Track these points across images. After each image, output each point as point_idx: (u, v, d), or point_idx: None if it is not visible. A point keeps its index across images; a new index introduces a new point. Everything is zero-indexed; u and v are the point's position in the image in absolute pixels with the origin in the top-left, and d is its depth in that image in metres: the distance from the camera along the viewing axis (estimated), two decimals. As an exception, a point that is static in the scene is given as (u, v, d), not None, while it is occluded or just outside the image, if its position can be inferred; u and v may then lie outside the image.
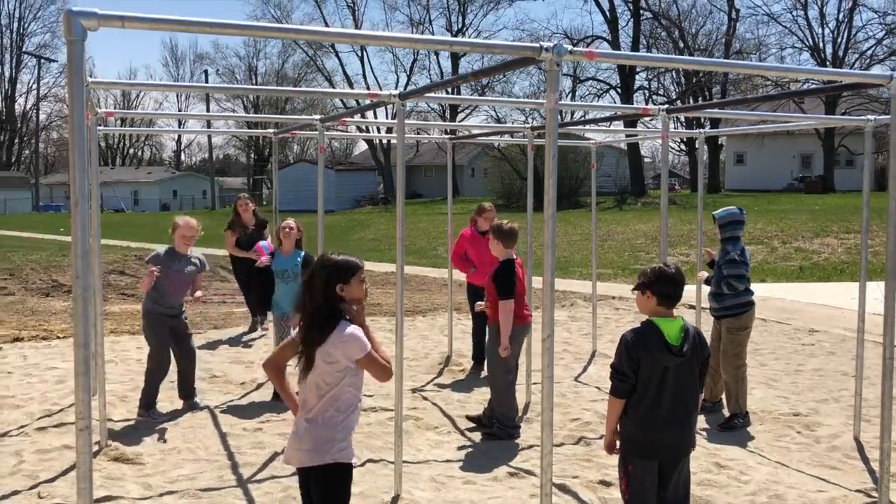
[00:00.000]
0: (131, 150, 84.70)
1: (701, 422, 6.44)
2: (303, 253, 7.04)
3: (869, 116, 6.31)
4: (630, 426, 3.69)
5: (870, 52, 44.77)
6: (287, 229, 6.94)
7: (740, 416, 6.39)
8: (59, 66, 64.37)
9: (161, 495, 4.93)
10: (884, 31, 44.67)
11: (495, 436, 6.05)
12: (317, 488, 3.39)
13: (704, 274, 6.86)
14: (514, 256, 6.11)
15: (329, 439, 3.35)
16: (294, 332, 3.48)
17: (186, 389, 6.84)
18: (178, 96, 71.20)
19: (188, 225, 6.60)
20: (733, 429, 6.30)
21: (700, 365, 3.74)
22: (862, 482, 5.21)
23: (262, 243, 8.15)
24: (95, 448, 5.65)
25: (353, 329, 3.37)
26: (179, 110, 70.69)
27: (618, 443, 3.77)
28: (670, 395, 3.62)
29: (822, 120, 8.76)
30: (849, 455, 5.75)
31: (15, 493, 4.95)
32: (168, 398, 6.83)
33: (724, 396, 6.59)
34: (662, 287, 3.68)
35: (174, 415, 6.63)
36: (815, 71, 5.43)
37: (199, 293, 6.76)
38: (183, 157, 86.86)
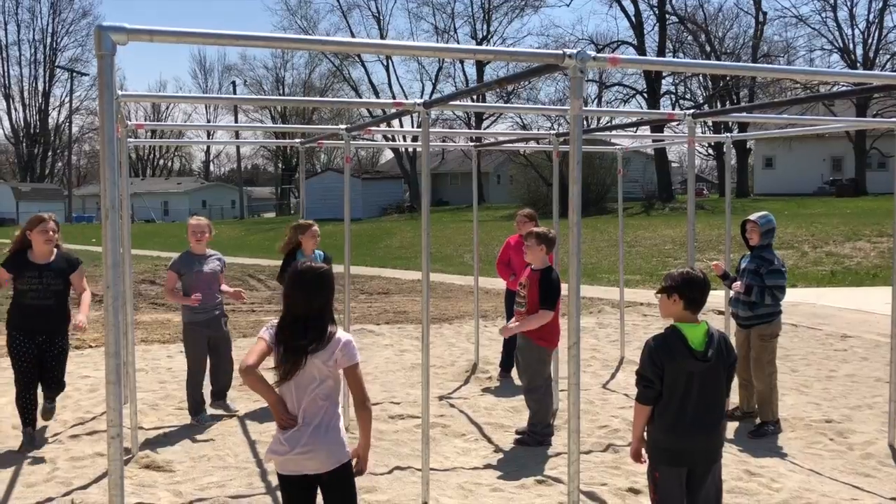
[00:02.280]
0: (161, 161, 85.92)
1: (731, 430, 6.37)
2: (322, 253, 7.27)
3: (900, 118, 6.22)
4: (657, 433, 3.66)
5: (901, 52, 44.13)
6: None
7: (771, 423, 6.31)
8: (90, 80, 65.43)
9: (191, 503, 4.98)
10: (915, 32, 44.01)
11: (525, 443, 6.05)
12: (335, 489, 3.45)
13: (721, 266, 6.75)
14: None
15: (339, 442, 3.42)
16: (266, 336, 3.42)
17: (219, 391, 6.90)
18: (206, 107, 72.04)
19: (196, 222, 6.81)
20: (764, 436, 6.22)
21: (727, 370, 3.70)
22: (897, 490, 5.12)
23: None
24: (127, 456, 5.73)
25: (351, 336, 3.47)
26: (208, 121, 71.51)
27: (643, 451, 3.75)
28: (697, 401, 3.59)
29: (852, 122, 8.64)
30: (883, 462, 5.65)
31: (49, 499, 5.03)
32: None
33: (756, 405, 6.50)
34: (691, 291, 3.65)
35: (204, 423, 6.69)
36: (843, 73, 5.36)
37: (227, 288, 6.89)
38: (212, 167, 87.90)
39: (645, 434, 3.74)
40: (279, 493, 5.09)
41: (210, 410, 6.81)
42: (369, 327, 11.44)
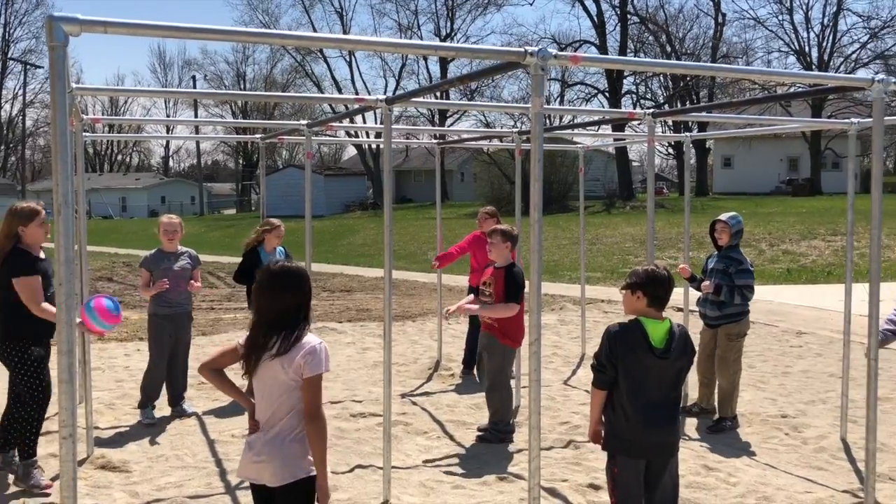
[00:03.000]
0: (119, 157, 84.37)
1: (690, 425, 6.47)
2: (283, 249, 7.37)
3: (853, 119, 6.36)
4: (615, 423, 3.71)
5: (854, 55, 45.19)
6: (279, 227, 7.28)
7: (729, 419, 6.41)
8: (44, 72, 63.90)
9: (148, 503, 4.90)
10: (868, 36, 45.11)
11: (486, 440, 6.06)
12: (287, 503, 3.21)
13: (688, 269, 6.78)
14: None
15: (300, 454, 3.18)
16: (240, 341, 3.29)
17: (175, 396, 6.84)
18: (166, 102, 70.96)
19: (168, 220, 6.79)
20: (722, 431, 6.32)
21: (686, 365, 3.76)
22: (849, 482, 5.24)
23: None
24: (82, 456, 5.61)
25: (321, 344, 3.20)
26: (167, 116, 70.54)
27: (588, 445, 3.81)
28: (654, 395, 3.63)
29: (808, 123, 8.83)
30: (835, 456, 5.77)
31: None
32: (157, 403, 6.79)
33: (717, 401, 6.59)
34: (654, 289, 3.69)
35: (161, 421, 6.60)
36: (799, 75, 5.46)
37: (197, 284, 6.82)
38: (171, 163, 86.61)
39: (605, 424, 3.78)
40: (238, 493, 5.04)
41: (157, 414, 6.71)
42: (331, 325, 11.37)
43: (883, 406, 6.69)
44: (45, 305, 5.00)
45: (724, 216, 6.52)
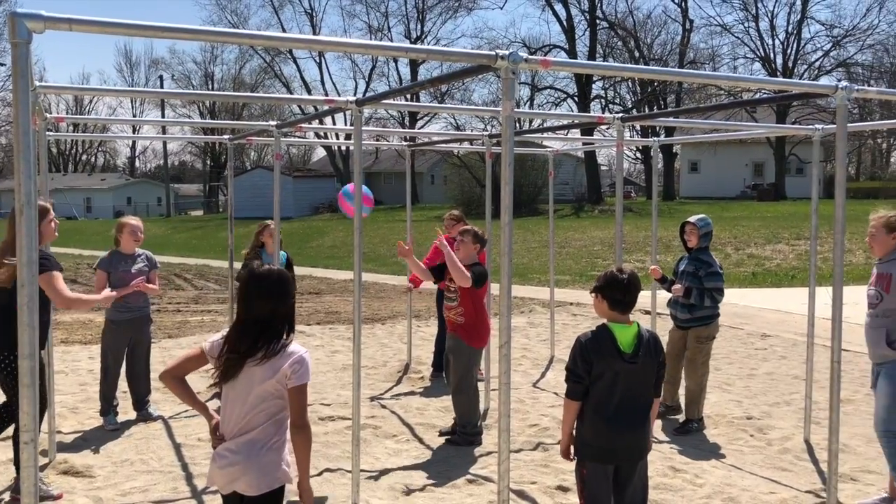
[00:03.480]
0: (84, 157, 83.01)
1: (657, 427, 6.52)
2: (286, 254, 7.48)
3: (817, 126, 6.47)
4: (585, 430, 3.71)
5: (818, 63, 46.08)
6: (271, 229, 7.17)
7: (695, 420, 6.48)
8: (7, 70, 62.77)
9: (112, 509, 4.83)
10: (830, 44, 46.03)
11: (455, 442, 6.06)
12: None
13: (659, 270, 6.84)
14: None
15: (276, 463, 3.13)
16: (206, 346, 3.23)
17: (139, 400, 6.73)
18: (132, 102, 69.99)
19: (137, 222, 6.65)
20: (688, 432, 6.39)
21: (656, 370, 3.77)
22: (812, 483, 5.32)
23: None
24: (45, 461, 5.51)
25: (306, 352, 3.17)
26: (134, 116, 69.59)
27: (572, 448, 3.79)
28: (624, 400, 3.64)
29: (772, 129, 8.96)
30: (799, 457, 5.86)
31: (-42, 509, 4.80)
32: (121, 409, 6.68)
33: (682, 402, 6.67)
34: (612, 292, 3.70)
35: (125, 425, 6.50)
36: (765, 81, 5.54)
37: (153, 286, 6.59)
38: (137, 163, 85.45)
39: (574, 431, 3.78)
40: (205, 498, 4.98)
41: (122, 418, 6.60)
42: (300, 328, 11.29)
43: (845, 408, 6.81)
44: (75, 295, 4.89)
45: (692, 218, 6.59)
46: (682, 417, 6.60)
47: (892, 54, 46.31)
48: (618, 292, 3.69)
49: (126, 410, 6.72)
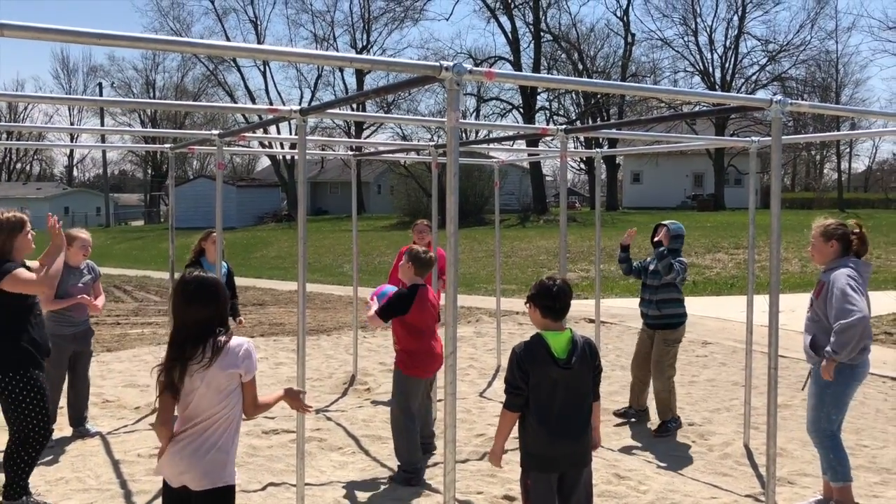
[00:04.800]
0: (19, 165, 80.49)
1: (626, 432, 6.59)
2: (226, 265, 7.28)
3: (753, 138, 6.65)
4: (526, 439, 3.72)
5: (754, 77, 47.45)
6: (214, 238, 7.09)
7: (672, 420, 6.62)
8: (-63, 76, 60.60)
9: (46, 529, 4.66)
10: (766, 58, 47.44)
11: (395, 480, 5.54)
12: None
13: (631, 238, 7.04)
14: (422, 284, 5.65)
15: (224, 462, 3.29)
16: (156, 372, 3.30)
17: (77, 416, 6.53)
18: (70, 109, 68.16)
19: (88, 237, 6.47)
20: (668, 433, 6.54)
21: (593, 376, 3.81)
22: (751, 487, 5.44)
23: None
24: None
25: (249, 342, 3.35)
26: (72, 124, 67.78)
27: (504, 457, 3.82)
28: (563, 407, 3.67)
29: (711, 141, 9.19)
30: (739, 462, 5.99)
31: None
32: (56, 425, 6.47)
33: (652, 405, 6.79)
34: (542, 300, 3.77)
35: (61, 443, 6.29)
36: (704, 94, 5.68)
37: (101, 299, 6.49)
38: (76, 172, 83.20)
39: (521, 443, 3.78)
40: (144, 516, 4.85)
41: (57, 435, 6.38)
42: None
43: (783, 413, 6.99)
44: (42, 273, 4.55)
45: (666, 221, 6.82)
46: (651, 423, 6.73)
47: (823, 69, 48.01)
48: (548, 299, 3.76)
49: (61, 427, 6.51)
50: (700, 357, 10.05)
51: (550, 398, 3.65)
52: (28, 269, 4.71)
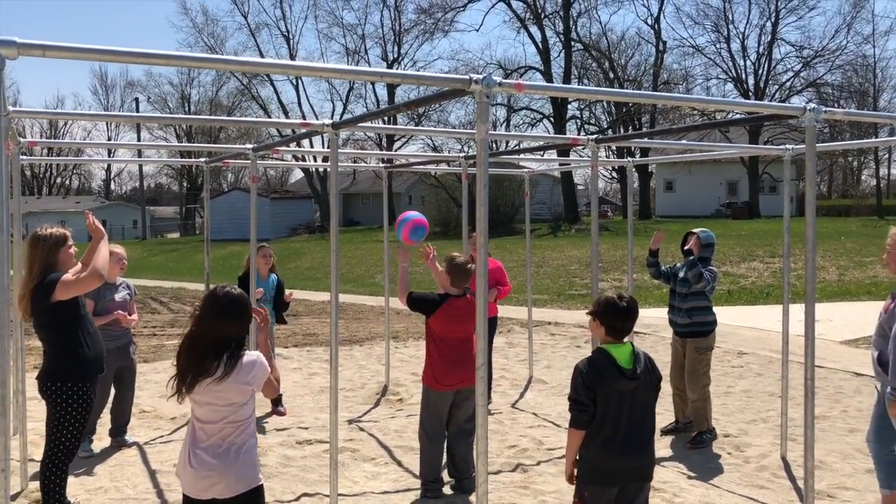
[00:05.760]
0: (59, 179, 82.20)
1: (660, 443, 6.52)
2: (276, 277, 7.83)
3: (787, 146, 6.57)
4: (591, 454, 3.61)
5: (788, 83, 46.84)
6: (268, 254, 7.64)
7: (707, 431, 6.55)
8: (-19, 93, 62.14)
9: (86, 538, 4.74)
10: (800, 64, 46.83)
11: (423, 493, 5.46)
12: None
13: (660, 241, 7.06)
14: (458, 294, 5.45)
15: (253, 462, 3.40)
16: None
17: (118, 427, 6.64)
18: (107, 124, 69.48)
19: (123, 252, 6.60)
20: (702, 444, 6.46)
21: (654, 389, 3.73)
22: (789, 500, 5.35)
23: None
24: (16, 490, 5.41)
25: (258, 355, 3.44)
26: (109, 139, 69.03)
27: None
28: (628, 421, 3.59)
29: (744, 149, 9.11)
30: (776, 474, 5.90)
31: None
32: (96, 436, 6.58)
33: (691, 417, 6.71)
34: (611, 319, 3.65)
35: (100, 453, 6.40)
36: (736, 103, 5.64)
37: (134, 317, 6.62)
38: (113, 185, 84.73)
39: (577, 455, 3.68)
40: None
41: (97, 445, 6.50)
42: (277, 350, 11.21)
43: (821, 424, 6.88)
44: (90, 267, 4.54)
45: (697, 229, 6.77)
46: (694, 431, 6.67)
47: (860, 74, 47.22)
48: (617, 320, 3.65)
49: (101, 436, 6.62)
50: (735, 367, 9.92)
51: (618, 411, 3.57)
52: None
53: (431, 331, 5.40)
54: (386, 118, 36.81)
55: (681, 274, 6.69)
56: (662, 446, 6.61)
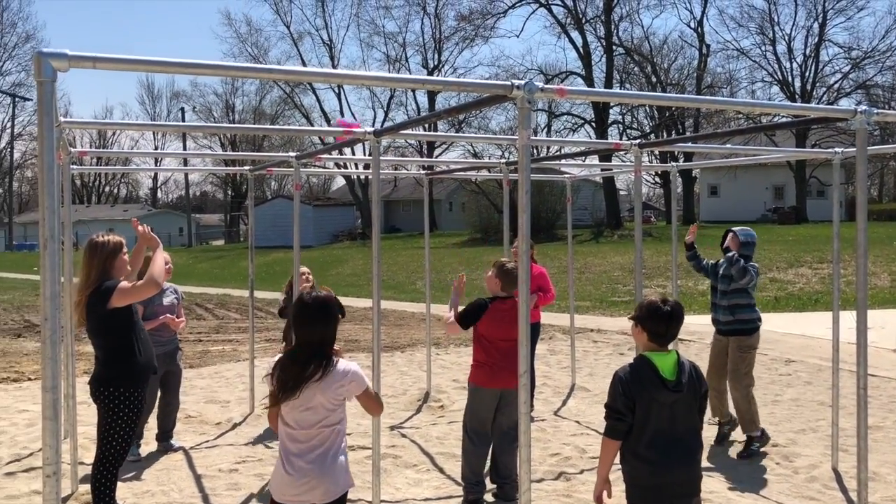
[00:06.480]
0: (107, 188, 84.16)
1: (713, 454, 6.42)
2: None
3: (836, 149, 6.43)
4: (635, 470, 3.46)
5: (836, 85, 45.84)
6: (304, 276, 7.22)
7: (757, 438, 6.40)
8: (33, 105, 63.96)
9: (133, 541, 4.82)
10: (849, 66, 45.81)
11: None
12: None
13: (695, 228, 7.12)
14: (506, 297, 5.46)
15: (347, 466, 3.51)
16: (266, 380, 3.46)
17: (164, 432, 6.75)
18: (154, 134, 70.97)
19: (168, 257, 6.65)
20: (753, 455, 6.32)
21: (699, 400, 3.55)
22: (841, 513, 5.21)
23: None
24: (67, 493, 5.53)
25: (356, 365, 3.52)
26: (156, 148, 70.50)
27: (605, 493, 3.51)
28: (674, 433, 3.42)
29: (791, 153, 8.92)
30: (827, 485, 5.75)
31: (-18, 541, 4.81)
32: (143, 440, 6.70)
33: (738, 422, 6.59)
34: (654, 325, 3.49)
35: (147, 457, 6.51)
36: (783, 106, 5.53)
37: (182, 321, 6.75)
38: (159, 194, 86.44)
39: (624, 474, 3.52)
40: (225, 529, 4.96)
41: (144, 449, 6.61)
42: (320, 356, 11.29)
43: (874, 435, 6.69)
44: (146, 277, 4.60)
45: (735, 228, 6.70)
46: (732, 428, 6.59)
47: (912, 75, 46.02)
48: (661, 325, 3.49)
49: (148, 441, 6.74)
50: (783, 376, 9.72)
51: (660, 423, 3.40)
52: None
53: (479, 333, 5.44)
54: (427, 125, 36.96)
55: (721, 271, 6.60)
56: (708, 456, 6.49)
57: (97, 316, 4.60)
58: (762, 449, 6.44)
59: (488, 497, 5.45)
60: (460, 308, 5.54)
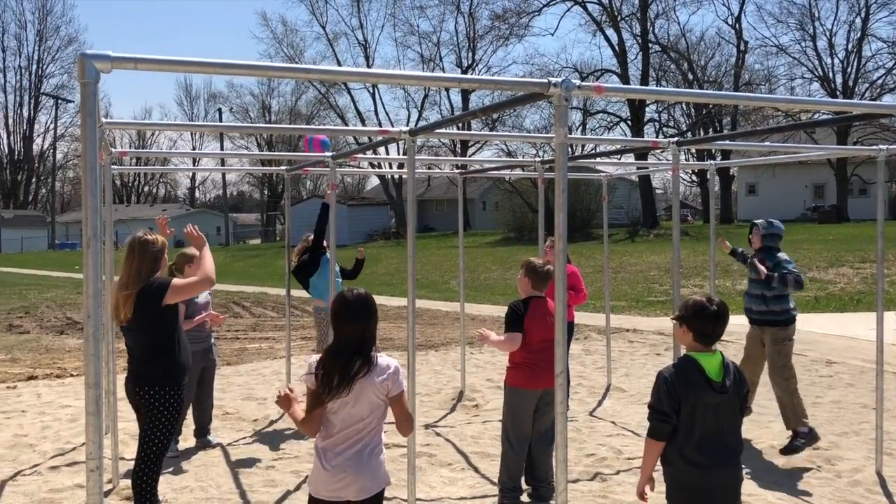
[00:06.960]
0: (146, 188, 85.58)
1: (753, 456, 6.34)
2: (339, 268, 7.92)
3: (881, 146, 6.28)
4: (678, 472, 3.41)
5: (880, 81, 44.82)
6: None
7: (802, 434, 6.24)
8: (75, 107, 65.31)
9: (173, 535, 4.89)
10: (893, 61, 44.78)
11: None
12: None
13: (728, 244, 7.18)
14: (539, 296, 5.47)
15: (384, 463, 3.54)
16: (304, 377, 3.47)
17: (201, 428, 6.84)
18: (192, 134, 72.00)
19: None
20: (796, 451, 6.18)
21: (741, 400, 3.52)
22: (885, 518, 5.11)
23: None
24: (108, 487, 5.63)
25: (396, 361, 3.53)
26: (193, 148, 71.50)
27: (647, 489, 3.49)
28: (717, 435, 3.38)
29: (833, 150, 8.75)
30: (871, 490, 5.63)
31: (26, 533, 4.92)
32: (181, 436, 6.80)
33: (781, 417, 6.49)
34: (700, 324, 3.42)
35: (186, 453, 6.60)
36: (824, 102, 5.42)
37: (223, 317, 6.87)
38: (197, 193, 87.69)
39: (666, 476, 3.49)
40: (262, 526, 5.01)
41: (182, 445, 6.70)
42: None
43: (918, 438, 6.54)
44: (198, 273, 4.70)
45: (759, 220, 6.65)
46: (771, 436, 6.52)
47: (958, 70, 44.84)
48: (707, 325, 3.42)
49: (186, 437, 6.84)
50: (824, 377, 9.54)
51: (706, 425, 3.35)
52: None
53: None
54: (461, 124, 36.96)
55: (753, 276, 6.56)
56: (748, 457, 6.40)
57: (149, 313, 4.62)
58: (805, 450, 6.30)
59: (523, 498, 5.43)
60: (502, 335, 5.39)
